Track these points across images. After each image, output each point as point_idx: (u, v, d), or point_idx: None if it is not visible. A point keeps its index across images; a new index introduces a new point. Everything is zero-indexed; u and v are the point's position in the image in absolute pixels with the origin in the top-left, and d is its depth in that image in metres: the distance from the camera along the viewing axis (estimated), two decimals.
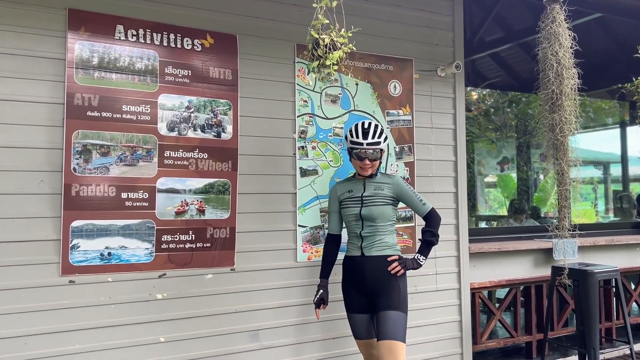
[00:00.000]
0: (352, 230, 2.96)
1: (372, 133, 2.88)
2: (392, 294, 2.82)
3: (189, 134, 3.01)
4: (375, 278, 2.86)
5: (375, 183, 2.96)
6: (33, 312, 2.64)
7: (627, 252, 4.92)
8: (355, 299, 2.92)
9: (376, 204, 2.90)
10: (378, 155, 2.92)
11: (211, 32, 3.10)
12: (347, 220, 2.98)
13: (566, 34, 3.43)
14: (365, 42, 3.47)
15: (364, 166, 2.90)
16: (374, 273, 2.87)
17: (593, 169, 9.56)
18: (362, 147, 2.87)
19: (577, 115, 3.50)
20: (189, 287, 2.99)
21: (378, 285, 2.85)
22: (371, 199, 2.91)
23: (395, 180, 2.98)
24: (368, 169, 2.91)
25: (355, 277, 2.91)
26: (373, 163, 2.92)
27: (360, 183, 2.98)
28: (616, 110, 7.99)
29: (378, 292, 2.85)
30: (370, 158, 2.89)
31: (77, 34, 2.77)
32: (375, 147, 2.88)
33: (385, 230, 2.92)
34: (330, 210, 3.07)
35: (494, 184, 10.17)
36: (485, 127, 8.42)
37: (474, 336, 4.07)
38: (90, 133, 2.78)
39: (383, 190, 2.93)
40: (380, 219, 2.90)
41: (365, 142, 2.86)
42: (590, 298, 3.85)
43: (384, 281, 2.85)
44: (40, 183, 2.68)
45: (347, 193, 2.97)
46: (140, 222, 2.87)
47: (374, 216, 2.89)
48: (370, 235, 2.90)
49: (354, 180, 3.03)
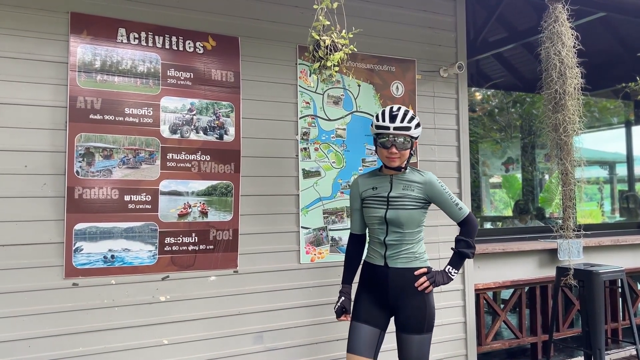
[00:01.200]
0: (374, 234, 2.62)
1: (401, 116, 2.51)
2: (418, 314, 2.52)
3: (191, 137, 3.01)
4: (399, 293, 2.54)
5: (404, 181, 2.58)
6: (37, 314, 2.65)
7: (632, 252, 4.89)
8: (369, 308, 2.59)
9: (405, 206, 2.54)
10: (408, 143, 2.52)
11: (213, 35, 3.10)
12: (369, 222, 2.64)
13: (569, 33, 3.42)
14: (367, 43, 3.47)
15: (391, 155, 2.51)
16: (398, 287, 2.54)
17: (599, 169, 9.51)
18: (389, 131, 2.49)
19: (581, 114, 3.49)
20: (192, 290, 2.99)
21: (402, 301, 2.54)
22: (399, 201, 2.54)
23: (428, 178, 2.60)
24: (395, 159, 2.52)
25: (376, 287, 2.60)
26: (402, 153, 2.52)
27: (386, 179, 2.61)
28: (621, 109, 7.95)
29: (401, 309, 2.54)
30: (398, 146, 2.50)
31: (79, 37, 2.78)
32: (404, 132, 2.49)
33: (413, 238, 2.57)
34: (351, 208, 2.73)
35: (499, 185, 10.13)
36: (489, 127, 8.39)
37: (479, 337, 4.05)
38: (93, 136, 2.79)
39: (413, 190, 2.56)
40: (408, 225, 2.54)
41: (393, 126, 2.48)
42: (596, 299, 3.83)
43: (410, 297, 2.53)
44: (43, 186, 2.69)
45: (371, 190, 2.61)
46: (143, 225, 2.88)
47: (401, 222, 2.53)
48: (395, 244, 2.55)
49: (379, 176, 2.65)
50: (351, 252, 2.74)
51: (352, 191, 2.72)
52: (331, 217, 3.38)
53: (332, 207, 3.39)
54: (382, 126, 2.51)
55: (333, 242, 3.39)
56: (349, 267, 2.73)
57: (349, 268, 2.72)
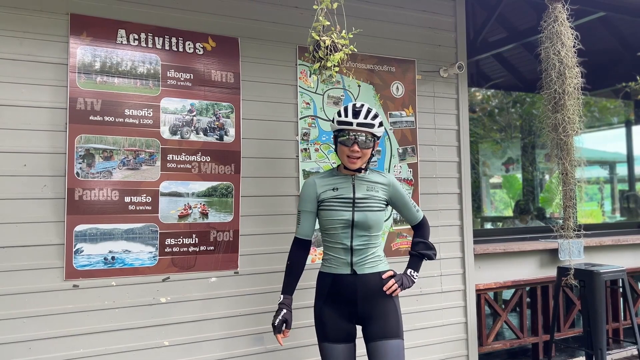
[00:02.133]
0: (337, 239, 2.44)
1: (364, 112, 2.40)
2: (390, 319, 2.42)
3: (191, 138, 3.01)
4: (369, 301, 2.41)
5: (366, 182, 2.48)
6: (37, 316, 2.64)
7: (633, 252, 4.88)
8: (336, 325, 2.43)
9: (372, 208, 2.43)
10: (370, 142, 2.41)
11: (212, 36, 3.10)
12: (330, 226, 2.45)
13: (569, 33, 3.42)
14: (367, 44, 3.47)
15: (353, 154, 2.39)
16: (368, 295, 2.41)
17: (599, 169, 9.51)
18: (352, 127, 2.37)
19: (581, 114, 3.49)
20: (192, 291, 2.98)
21: (371, 308, 2.42)
22: (366, 202, 2.43)
23: (390, 180, 2.53)
24: (357, 160, 2.40)
25: (342, 298, 2.43)
26: (364, 152, 2.40)
27: (347, 180, 2.48)
28: (621, 109, 7.96)
29: (372, 317, 2.42)
30: (360, 144, 2.38)
31: (79, 38, 2.78)
32: (367, 129, 2.38)
33: (377, 241, 2.48)
34: (303, 209, 2.51)
35: (499, 185, 10.14)
36: (489, 127, 8.39)
37: (480, 338, 4.05)
38: (93, 137, 2.78)
39: (377, 191, 2.47)
40: (375, 228, 2.44)
41: (356, 122, 2.37)
42: (597, 299, 3.83)
43: (380, 303, 2.42)
44: (43, 188, 2.69)
45: (332, 191, 2.45)
46: (144, 226, 2.87)
47: (369, 224, 2.41)
48: (363, 248, 2.43)
49: (338, 176, 2.51)
50: (296, 258, 2.52)
51: (306, 192, 2.50)
52: None
53: None
54: (345, 122, 2.39)
55: None
56: (292, 275, 2.50)
57: (292, 276, 2.50)
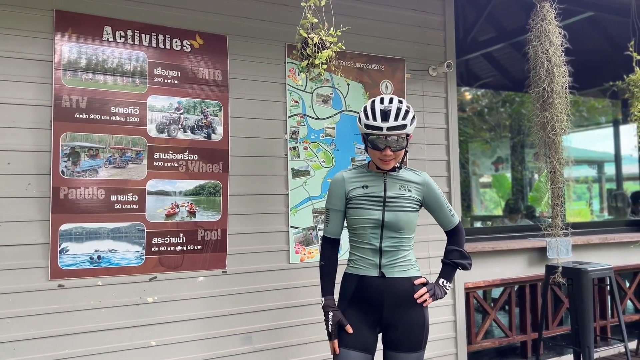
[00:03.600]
0: (364, 240, 2.29)
1: (394, 113, 2.16)
2: (416, 329, 2.25)
3: (178, 136, 2.99)
4: (396, 307, 2.25)
5: (399, 180, 2.30)
6: (22, 317, 2.61)
7: (621, 250, 4.92)
8: (357, 330, 2.25)
9: (404, 208, 2.26)
10: (403, 141, 2.21)
11: (200, 33, 3.08)
12: (358, 226, 2.30)
13: (556, 32, 3.43)
14: (356, 42, 3.46)
15: (385, 158, 2.21)
16: (396, 301, 2.25)
17: (587, 168, 9.59)
18: (382, 132, 2.16)
19: (569, 113, 3.50)
20: (180, 290, 2.96)
21: (398, 316, 2.26)
22: (397, 202, 2.26)
23: (425, 179, 2.34)
24: (390, 161, 2.23)
25: (367, 302, 2.28)
26: (397, 153, 2.22)
27: (379, 177, 2.31)
28: (609, 109, 8.02)
29: (396, 325, 2.26)
30: (392, 147, 2.19)
31: (64, 35, 2.74)
32: (399, 131, 2.17)
33: (409, 244, 2.31)
34: (331, 207, 2.36)
35: (489, 184, 10.18)
36: (479, 127, 8.43)
37: (469, 336, 4.05)
38: (79, 135, 2.75)
39: (411, 191, 2.29)
40: (407, 230, 2.27)
41: (386, 126, 2.15)
42: (585, 297, 3.84)
43: (408, 311, 2.26)
44: (27, 186, 2.65)
45: (362, 189, 2.29)
46: (130, 225, 2.84)
47: (400, 225, 2.25)
48: (393, 250, 2.27)
49: (369, 173, 2.34)
50: (330, 258, 2.38)
51: (335, 188, 2.34)
52: (321, 217, 3.37)
53: (321, 207, 3.37)
54: (373, 126, 2.18)
55: None
56: (329, 274, 2.36)
57: (328, 276, 2.35)
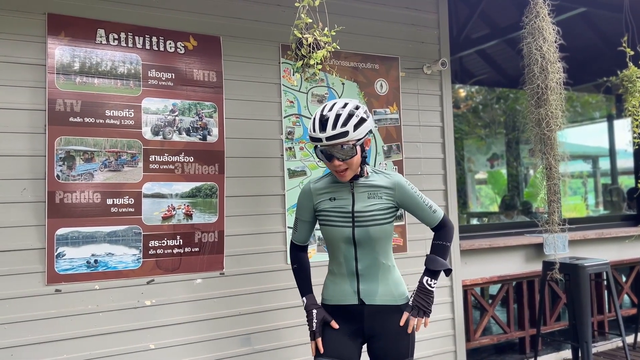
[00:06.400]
0: (338, 255, 2.15)
1: (331, 121, 1.96)
2: (402, 337, 2.12)
3: (174, 138, 2.98)
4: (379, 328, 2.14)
5: (368, 187, 2.11)
6: (19, 322, 2.59)
7: (617, 244, 4.94)
8: (336, 338, 2.13)
9: (376, 222, 2.08)
10: (352, 150, 2.01)
11: (194, 35, 3.07)
12: (329, 241, 2.16)
13: (550, 29, 3.44)
14: (350, 41, 3.45)
15: (337, 168, 2.05)
16: (376, 326, 2.13)
17: (582, 163, 9.62)
18: (322, 143, 1.99)
19: (563, 109, 3.51)
20: (178, 293, 2.95)
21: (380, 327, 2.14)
22: (367, 216, 2.08)
23: (395, 180, 2.14)
24: (345, 172, 2.06)
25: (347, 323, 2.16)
26: (349, 162, 2.03)
27: (345, 188, 2.13)
28: (603, 104, 8.05)
29: (380, 335, 2.14)
30: (339, 157, 2.01)
31: (57, 39, 2.73)
32: (340, 140, 1.97)
33: (387, 255, 2.15)
34: (299, 218, 2.25)
35: (484, 181, 10.20)
36: (474, 124, 8.45)
37: (467, 333, 4.06)
38: (74, 139, 2.74)
39: (381, 198, 2.10)
40: (382, 241, 2.12)
41: (324, 137, 1.97)
42: (582, 292, 3.86)
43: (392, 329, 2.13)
44: (23, 191, 2.64)
45: (329, 201, 2.13)
46: (127, 228, 2.83)
47: (373, 239, 2.09)
48: (369, 267, 2.11)
49: (336, 183, 2.16)
50: (301, 259, 2.29)
51: (303, 200, 2.23)
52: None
53: None
54: (314, 137, 2.01)
55: (320, 242, 3.37)
56: (303, 275, 2.26)
57: (304, 276, 2.26)
